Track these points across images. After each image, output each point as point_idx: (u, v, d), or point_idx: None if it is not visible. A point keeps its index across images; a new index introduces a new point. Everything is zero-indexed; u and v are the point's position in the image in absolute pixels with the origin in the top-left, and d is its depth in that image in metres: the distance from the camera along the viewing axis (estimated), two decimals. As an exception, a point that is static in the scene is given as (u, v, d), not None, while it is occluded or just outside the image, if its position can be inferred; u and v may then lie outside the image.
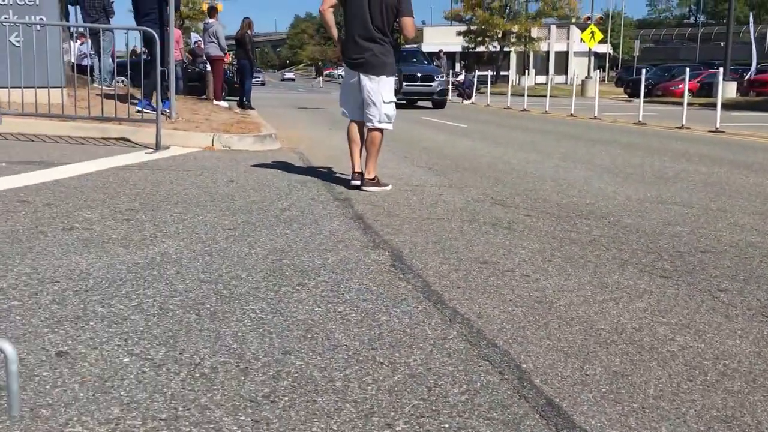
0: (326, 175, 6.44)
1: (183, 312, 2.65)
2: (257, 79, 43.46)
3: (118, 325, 2.49)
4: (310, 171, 6.66)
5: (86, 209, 4.43)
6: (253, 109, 14.66)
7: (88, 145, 7.73)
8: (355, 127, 5.74)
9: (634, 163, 8.02)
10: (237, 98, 15.24)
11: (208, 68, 15.32)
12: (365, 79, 5.47)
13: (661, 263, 3.60)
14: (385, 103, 5.51)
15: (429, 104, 21.76)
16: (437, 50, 32.38)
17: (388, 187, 5.64)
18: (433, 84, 20.75)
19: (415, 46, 23.74)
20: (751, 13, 41.93)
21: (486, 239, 4.06)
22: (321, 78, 66.64)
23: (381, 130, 5.61)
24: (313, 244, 3.79)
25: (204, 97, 15.51)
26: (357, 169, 5.65)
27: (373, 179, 5.60)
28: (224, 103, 14.46)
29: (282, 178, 6.10)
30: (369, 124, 5.60)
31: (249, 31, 14.77)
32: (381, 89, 5.48)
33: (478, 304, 2.88)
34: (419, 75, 20.76)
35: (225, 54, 14.77)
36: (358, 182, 5.59)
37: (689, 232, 4.32)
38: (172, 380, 2.07)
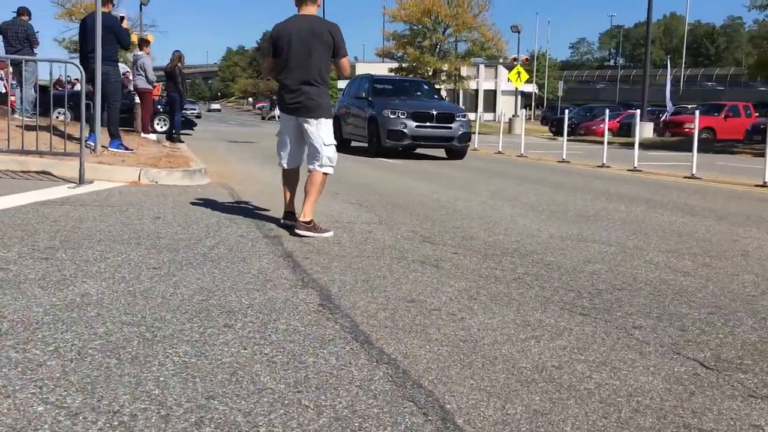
0: (257, 211, 6.40)
1: (103, 356, 2.58)
2: (193, 111, 42.88)
3: (33, 372, 2.40)
4: (241, 207, 6.61)
5: (2, 247, 4.26)
6: (183, 142, 14.47)
7: (7, 178, 7.46)
8: (288, 173, 5.67)
9: (557, 201, 8.29)
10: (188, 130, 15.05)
11: (137, 100, 15.07)
12: (305, 124, 5.37)
13: (581, 301, 3.73)
14: (325, 145, 5.36)
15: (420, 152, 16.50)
16: None
17: (328, 234, 5.30)
18: (452, 126, 14.90)
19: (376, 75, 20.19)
20: (668, 57, 44.31)
21: (414, 277, 4.12)
22: (276, 111, 64.57)
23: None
24: (241, 283, 3.76)
25: (132, 129, 15.20)
26: (289, 209, 5.62)
27: (308, 223, 5.27)
28: (153, 136, 14.23)
29: (211, 215, 6.03)
30: (311, 167, 5.44)
31: (179, 64, 14.65)
32: (320, 132, 5.35)
33: (405, 343, 2.91)
34: (434, 113, 14.91)
35: (154, 86, 14.56)
36: (287, 221, 5.54)
37: (607, 270, 4.50)
38: (88, 429, 2.01)
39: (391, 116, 14.79)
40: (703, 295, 3.91)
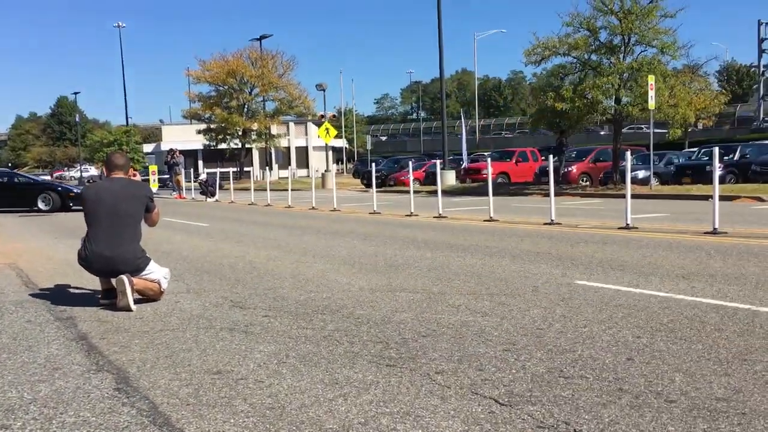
0: (49, 292, 5.89)
1: None
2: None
3: None
4: (30, 289, 6.06)
5: None
6: (-37, 220, 13.06)
7: None
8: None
9: (368, 252, 8.50)
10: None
11: None
12: (134, 279, 5.18)
13: (388, 352, 3.81)
14: (162, 278, 5.40)
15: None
16: (168, 148, 31.84)
17: (134, 307, 5.07)
18: None
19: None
20: (461, 110, 47.80)
21: (222, 346, 3.99)
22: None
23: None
24: (24, 375, 3.42)
25: None
26: (107, 287, 5.29)
27: (133, 285, 5.12)
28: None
29: (-7, 301, 5.45)
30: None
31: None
32: (151, 277, 5.31)
33: (208, 420, 2.79)
34: None
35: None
36: (106, 301, 5.25)
37: (413, 318, 4.65)
38: None
39: None
40: (499, 333, 4.16)
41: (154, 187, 24.28)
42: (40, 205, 18.80)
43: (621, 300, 5.04)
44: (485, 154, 38.27)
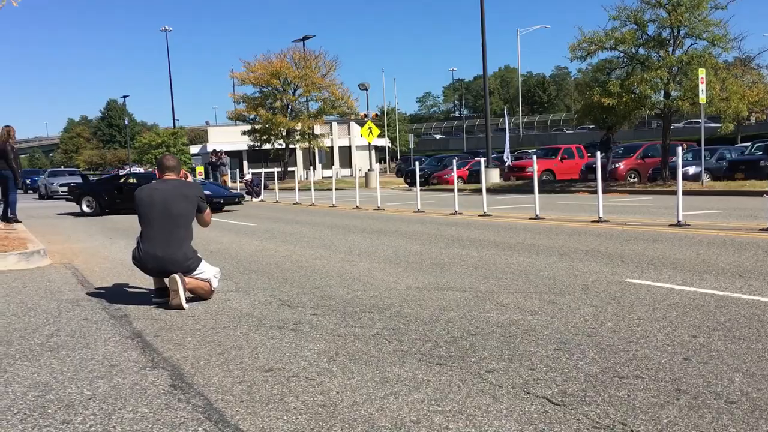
0: (103, 291, 6.04)
1: None
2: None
3: None
4: (85, 288, 6.22)
5: None
6: (20, 222, 13.48)
7: None
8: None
9: (414, 251, 8.49)
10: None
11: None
12: (186, 277, 5.28)
13: (437, 350, 3.80)
14: (211, 277, 5.49)
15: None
16: (211, 149, 32.27)
17: (184, 307, 5.15)
18: None
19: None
20: (504, 107, 47.38)
21: (272, 344, 4.03)
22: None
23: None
24: (83, 372, 3.51)
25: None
26: (160, 285, 5.40)
27: (186, 284, 5.25)
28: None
29: (51, 299, 5.62)
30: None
31: (10, 140, 13.72)
32: (202, 276, 5.41)
33: (262, 417, 2.82)
34: None
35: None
36: (159, 300, 5.36)
37: (461, 316, 4.63)
38: None
39: None
40: (549, 332, 4.11)
41: None
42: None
43: (675, 298, 4.93)
44: (529, 151, 37.86)
